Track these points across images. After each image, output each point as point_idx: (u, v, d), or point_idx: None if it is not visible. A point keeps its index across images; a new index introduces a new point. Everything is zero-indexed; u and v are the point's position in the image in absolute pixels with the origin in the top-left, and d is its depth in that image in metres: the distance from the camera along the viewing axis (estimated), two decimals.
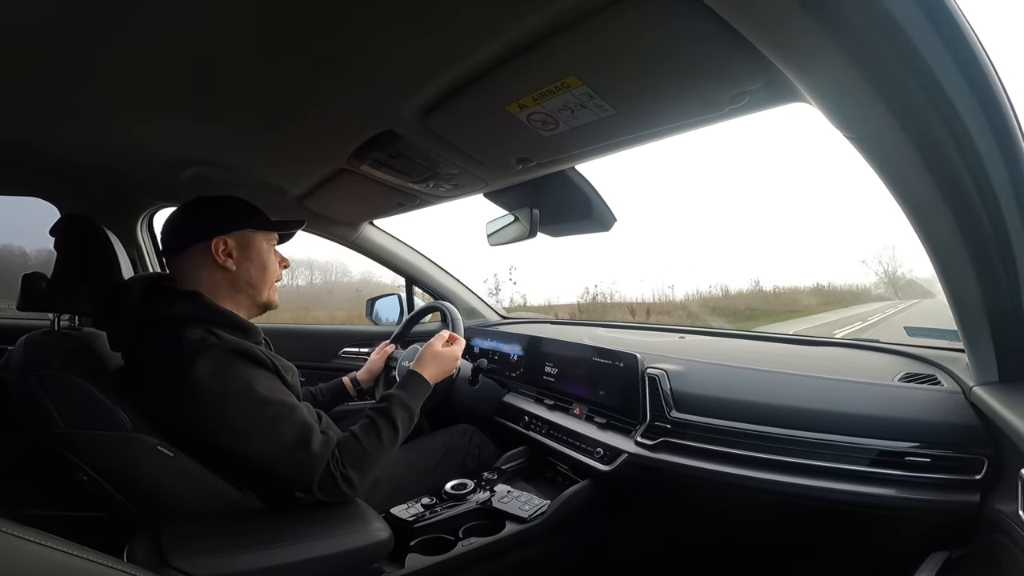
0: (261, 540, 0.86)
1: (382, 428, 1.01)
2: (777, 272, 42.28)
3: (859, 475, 0.94)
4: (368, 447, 0.98)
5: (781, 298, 11.08)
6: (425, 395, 1.15)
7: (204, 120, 1.05)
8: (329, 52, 0.77)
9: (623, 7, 0.63)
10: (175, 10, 0.67)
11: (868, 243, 24.73)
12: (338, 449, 0.94)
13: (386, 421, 1.03)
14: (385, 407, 1.05)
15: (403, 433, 1.05)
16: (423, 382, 1.16)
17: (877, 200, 0.87)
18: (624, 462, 1.20)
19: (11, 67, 0.80)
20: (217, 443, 0.90)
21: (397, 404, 1.06)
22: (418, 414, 1.10)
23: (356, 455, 0.96)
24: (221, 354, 0.91)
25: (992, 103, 0.58)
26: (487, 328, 2.11)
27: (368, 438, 0.99)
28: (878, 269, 12.65)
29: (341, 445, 0.95)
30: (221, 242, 1.02)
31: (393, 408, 1.05)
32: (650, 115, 0.89)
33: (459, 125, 1.01)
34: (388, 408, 1.05)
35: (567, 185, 1.31)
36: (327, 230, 1.90)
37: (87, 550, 0.53)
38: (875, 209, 16.91)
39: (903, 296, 10.76)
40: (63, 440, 0.88)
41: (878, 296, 12.16)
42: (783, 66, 0.62)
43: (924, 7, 0.50)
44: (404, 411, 1.06)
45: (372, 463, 0.98)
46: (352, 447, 0.96)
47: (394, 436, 1.03)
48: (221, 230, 1.02)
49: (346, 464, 0.94)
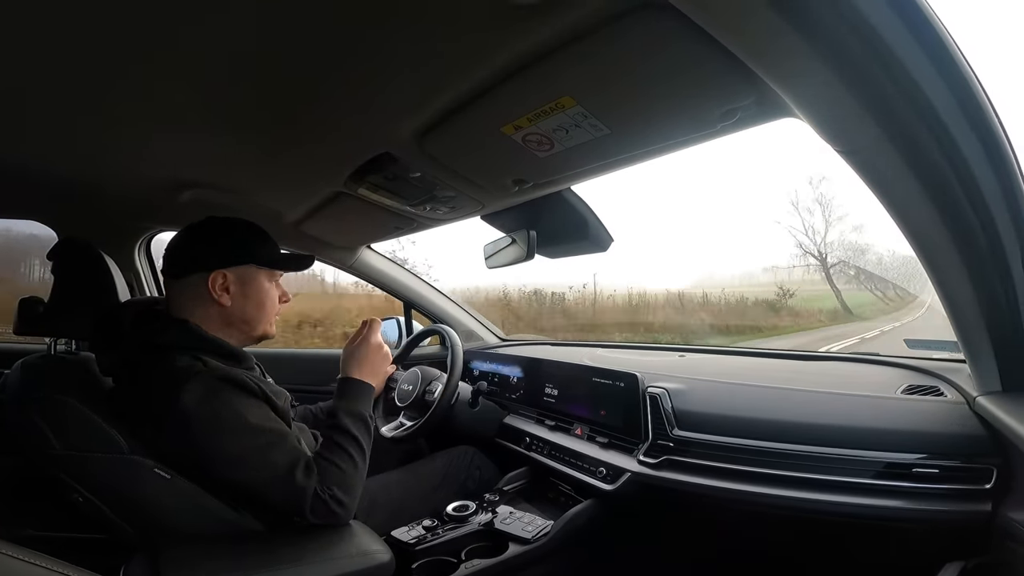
0: (261, 563, 0.85)
1: (345, 444, 0.99)
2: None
3: (867, 488, 0.93)
4: (341, 464, 0.96)
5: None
6: (367, 394, 1.11)
7: (201, 144, 1.05)
8: (326, 75, 0.79)
9: (616, 28, 0.64)
10: (173, 34, 0.68)
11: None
12: (321, 475, 0.92)
13: (342, 434, 1.00)
14: (335, 422, 1.03)
15: (364, 441, 1.02)
16: (357, 383, 1.12)
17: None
18: (627, 481, 1.19)
19: (8, 89, 0.81)
20: (209, 470, 0.89)
21: (344, 416, 1.03)
22: (371, 416, 1.08)
23: (334, 475, 0.94)
24: (209, 381, 0.90)
25: (976, 110, 0.59)
26: (486, 351, 2.10)
27: (335, 456, 0.97)
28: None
29: (322, 471, 0.93)
30: (220, 276, 0.99)
31: (342, 420, 1.02)
32: (644, 134, 0.90)
33: (455, 147, 1.02)
34: (337, 422, 1.02)
35: (564, 206, 1.32)
36: (325, 254, 1.90)
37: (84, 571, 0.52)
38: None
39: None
40: (59, 463, 0.87)
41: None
42: (772, 82, 0.64)
43: (905, 20, 0.52)
44: (352, 418, 1.03)
45: (351, 479, 0.96)
46: (327, 468, 0.94)
47: (358, 447, 1.00)
48: (222, 263, 1.00)
49: (331, 486, 0.92)
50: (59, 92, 0.83)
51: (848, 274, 16.02)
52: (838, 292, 15.56)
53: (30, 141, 1.04)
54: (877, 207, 0.76)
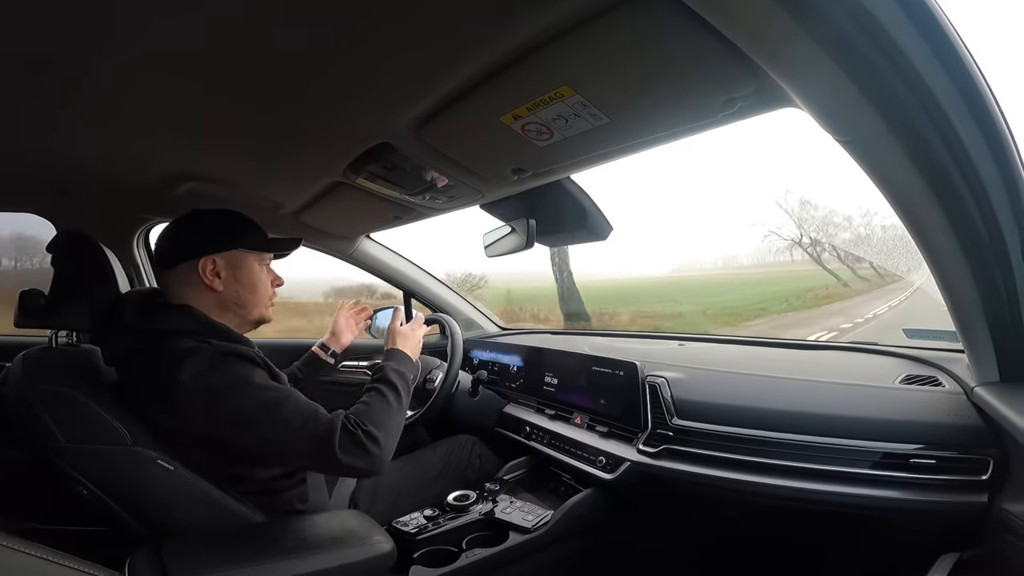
0: (264, 554, 0.86)
1: (385, 391, 1.03)
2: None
3: (864, 478, 0.94)
4: (378, 407, 0.99)
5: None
6: (410, 367, 1.16)
7: (198, 135, 1.05)
8: (323, 66, 0.78)
9: (615, 16, 0.64)
10: (173, 27, 0.68)
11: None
12: (353, 414, 0.95)
13: (385, 384, 1.05)
14: (381, 375, 1.08)
15: (404, 393, 1.07)
16: (402, 353, 1.18)
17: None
18: (627, 470, 1.20)
19: (6, 82, 0.81)
20: (222, 442, 0.89)
21: (390, 371, 1.09)
22: (411, 380, 1.12)
23: (370, 414, 0.96)
24: (213, 355, 0.90)
25: (977, 100, 0.59)
26: (486, 340, 2.11)
27: (375, 400, 1.01)
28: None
29: (355, 410, 0.96)
30: (209, 262, 1.00)
31: (388, 373, 1.08)
32: (643, 123, 0.89)
33: (454, 137, 1.02)
34: (383, 375, 1.07)
35: (563, 195, 1.32)
36: (324, 244, 1.90)
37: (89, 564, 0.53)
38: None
39: None
40: (63, 455, 0.87)
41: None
42: (772, 72, 0.63)
43: (906, 9, 0.51)
44: (398, 376, 1.09)
45: (387, 418, 0.98)
46: (363, 410, 0.97)
47: (397, 397, 1.05)
48: (210, 250, 1.01)
49: (365, 423, 0.94)
50: (58, 85, 0.82)
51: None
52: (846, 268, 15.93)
53: (28, 133, 1.03)
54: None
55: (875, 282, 15.49)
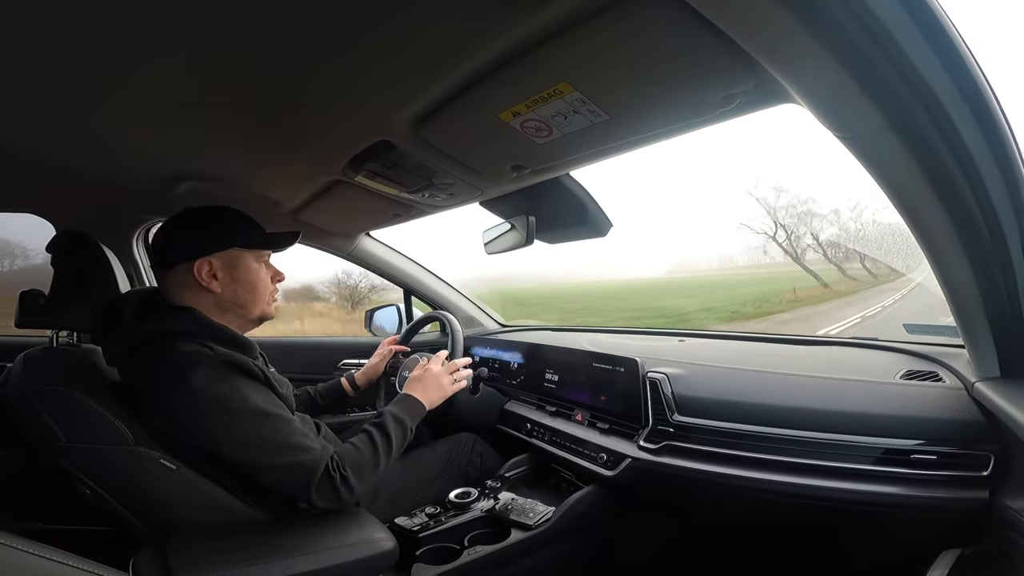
0: (266, 552, 0.86)
1: (377, 439, 1.02)
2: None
3: (866, 474, 0.94)
4: (365, 453, 0.99)
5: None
6: (419, 415, 1.16)
7: (197, 134, 1.04)
8: (322, 64, 0.78)
9: (613, 13, 0.64)
10: (170, 25, 0.67)
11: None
12: (337, 455, 0.95)
13: (380, 432, 1.04)
14: (380, 421, 1.07)
15: (397, 445, 1.06)
16: (418, 404, 1.17)
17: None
18: (628, 467, 1.20)
19: (4, 81, 0.81)
20: (215, 453, 0.90)
21: (390, 418, 1.08)
22: (412, 430, 1.11)
23: (354, 460, 0.97)
24: (216, 366, 0.91)
25: (977, 97, 0.58)
26: (487, 337, 2.11)
27: (364, 446, 1.00)
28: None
29: (340, 452, 0.96)
30: (205, 264, 0.99)
31: (387, 422, 1.07)
32: (643, 119, 0.89)
33: (453, 134, 1.01)
34: (383, 422, 1.07)
35: (563, 192, 1.32)
36: (324, 242, 1.90)
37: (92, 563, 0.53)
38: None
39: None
40: (65, 455, 0.88)
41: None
42: (771, 68, 0.63)
43: (906, 5, 0.51)
44: (398, 425, 1.08)
45: (369, 469, 0.99)
46: (350, 453, 0.98)
47: (388, 447, 1.03)
48: (204, 251, 1.00)
49: (345, 467, 0.94)
50: (56, 84, 0.82)
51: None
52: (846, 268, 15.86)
53: (27, 134, 1.03)
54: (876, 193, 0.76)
55: (865, 282, 15.37)
